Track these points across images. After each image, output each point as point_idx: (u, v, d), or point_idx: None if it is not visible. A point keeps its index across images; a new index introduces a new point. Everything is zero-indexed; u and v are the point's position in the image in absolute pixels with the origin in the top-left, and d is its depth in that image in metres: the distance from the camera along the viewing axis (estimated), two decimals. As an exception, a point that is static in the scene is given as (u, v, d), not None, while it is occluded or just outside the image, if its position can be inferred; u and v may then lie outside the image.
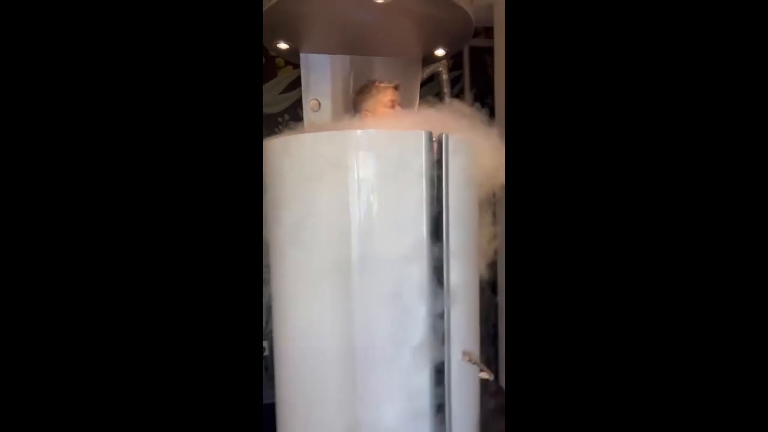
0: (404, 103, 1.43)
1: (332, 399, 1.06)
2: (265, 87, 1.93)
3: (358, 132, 1.05)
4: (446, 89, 1.99)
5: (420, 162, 1.01)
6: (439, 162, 1.03)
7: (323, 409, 1.06)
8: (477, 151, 1.15)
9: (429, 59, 1.64)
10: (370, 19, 1.27)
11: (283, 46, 1.43)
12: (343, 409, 1.05)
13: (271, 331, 1.18)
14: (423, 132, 1.02)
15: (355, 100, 1.37)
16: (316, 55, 1.52)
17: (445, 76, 1.97)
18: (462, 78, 2.12)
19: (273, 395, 1.17)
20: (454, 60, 2.06)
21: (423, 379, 1.05)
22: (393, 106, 1.30)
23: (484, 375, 1.12)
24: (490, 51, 2.08)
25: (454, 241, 1.04)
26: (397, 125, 1.22)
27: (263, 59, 1.88)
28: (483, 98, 2.13)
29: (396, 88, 1.33)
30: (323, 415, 1.06)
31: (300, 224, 1.04)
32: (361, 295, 1.02)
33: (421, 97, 1.64)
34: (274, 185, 1.07)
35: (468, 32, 1.35)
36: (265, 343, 1.77)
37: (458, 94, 2.11)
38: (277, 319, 1.12)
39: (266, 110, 1.93)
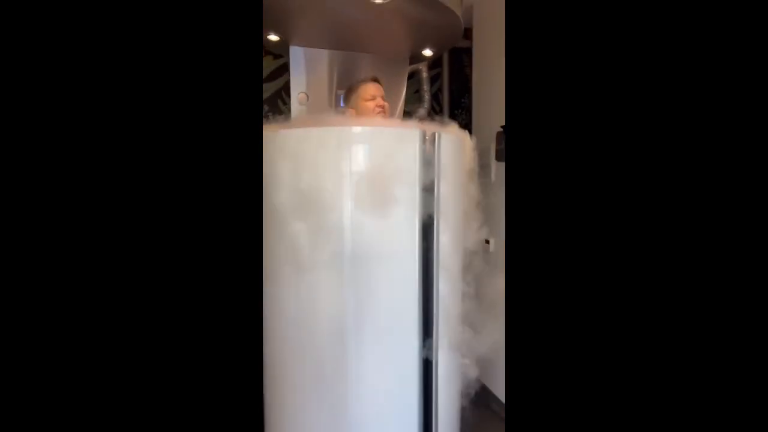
0: (390, 99, 1.46)
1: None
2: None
3: (355, 128, 1.08)
4: (426, 86, 2.05)
5: (414, 159, 1.06)
6: (430, 160, 1.08)
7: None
8: (465, 148, 1.21)
9: (414, 58, 1.68)
10: (363, 17, 1.29)
11: (273, 37, 1.42)
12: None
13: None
14: (417, 130, 1.07)
15: (345, 97, 1.40)
16: (305, 48, 1.52)
17: (425, 74, 2.03)
18: (440, 76, 2.18)
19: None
20: (433, 59, 2.11)
21: (411, 370, 1.11)
22: (373, 99, 1.30)
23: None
24: (468, 51, 2.15)
25: (444, 240, 1.10)
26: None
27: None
28: (460, 97, 2.21)
29: (374, 80, 1.33)
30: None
31: (294, 218, 1.06)
32: (355, 286, 1.06)
33: (403, 94, 1.68)
34: (270, 179, 1.08)
35: (457, 35, 1.40)
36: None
37: (437, 92, 2.17)
38: (268, 303, 1.13)
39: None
